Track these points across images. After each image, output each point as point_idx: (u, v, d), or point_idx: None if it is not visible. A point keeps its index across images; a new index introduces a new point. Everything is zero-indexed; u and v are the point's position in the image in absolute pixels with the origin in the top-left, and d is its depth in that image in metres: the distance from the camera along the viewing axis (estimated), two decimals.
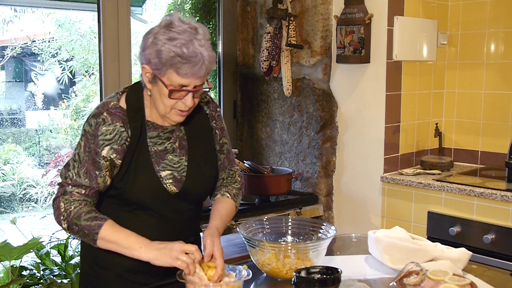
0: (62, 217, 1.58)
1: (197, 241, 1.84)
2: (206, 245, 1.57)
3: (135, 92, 1.67)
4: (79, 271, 2.52)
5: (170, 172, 1.67)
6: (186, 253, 1.49)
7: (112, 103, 1.63)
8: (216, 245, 1.58)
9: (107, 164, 1.60)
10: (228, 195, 1.82)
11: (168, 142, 1.69)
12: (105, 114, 1.60)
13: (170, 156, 1.68)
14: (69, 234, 1.60)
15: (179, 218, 1.73)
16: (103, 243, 1.56)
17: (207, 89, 1.64)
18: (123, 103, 1.64)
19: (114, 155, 1.60)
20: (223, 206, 1.78)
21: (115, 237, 1.55)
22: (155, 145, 1.67)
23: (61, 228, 1.62)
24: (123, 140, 1.61)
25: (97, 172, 1.59)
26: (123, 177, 1.63)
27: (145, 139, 1.65)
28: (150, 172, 1.64)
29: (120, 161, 1.61)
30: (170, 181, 1.66)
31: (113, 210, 1.66)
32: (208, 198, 1.88)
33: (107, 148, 1.59)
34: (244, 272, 1.51)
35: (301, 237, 1.80)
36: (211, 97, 1.84)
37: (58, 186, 1.63)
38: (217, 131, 1.82)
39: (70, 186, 1.59)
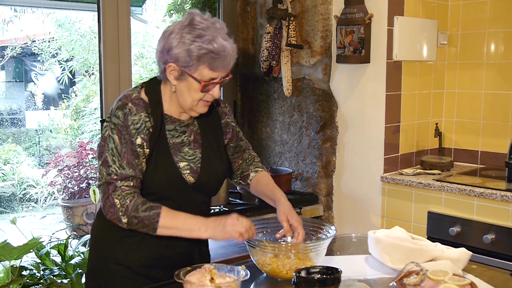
0: (120, 213, 1.59)
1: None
2: (285, 224, 1.73)
3: (153, 87, 1.73)
4: (79, 271, 2.53)
5: (187, 163, 1.73)
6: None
7: (134, 95, 1.68)
8: (292, 217, 1.73)
9: (142, 152, 1.65)
10: (260, 169, 1.94)
11: (184, 135, 1.76)
12: (130, 104, 1.65)
13: (186, 149, 1.75)
14: (128, 227, 1.63)
15: (194, 209, 1.76)
16: (162, 231, 1.60)
17: (229, 78, 1.71)
18: (144, 96, 1.70)
19: (144, 143, 1.65)
20: (268, 179, 1.91)
21: (175, 223, 1.60)
22: (173, 138, 1.73)
23: (119, 224, 1.62)
24: (147, 130, 1.66)
25: (137, 161, 1.64)
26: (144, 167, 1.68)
27: (164, 131, 1.71)
28: (170, 162, 1.70)
29: (148, 150, 1.66)
30: (188, 171, 1.72)
31: None
32: (218, 195, 1.94)
33: (139, 137, 1.64)
34: (242, 272, 1.51)
35: None
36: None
37: (103, 185, 1.63)
38: (232, 124, 1.92)
39: (118, 181, 1.61)
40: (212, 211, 2.63)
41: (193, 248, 1.80)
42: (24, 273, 2.57)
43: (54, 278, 2.54)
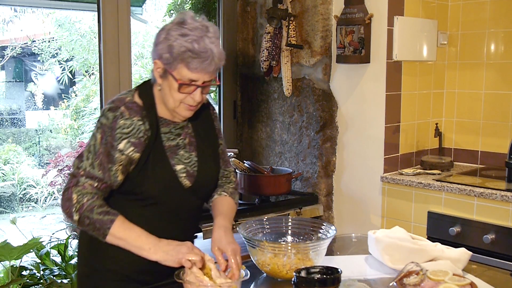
0: (74, 209, 1.56)
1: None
2: (217, 254, 1.60)
3: (146, 90, 1.70)
4: None
5: (183, 166, 1.70)
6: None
7: (127, 98, 1.65)
8: (225, 247, 1.60)
9: (122, 158, 1.60)
10: (226, 194, 1.84)
11: (179, 138, 1.73)
12: (122, 108, 1.62)
13: (182, 152, 1.72)
14: (77, 227, 1.61)
15: (188, 214, 1.76)
16: (112, 239, 1.56)
17: (216, 85, 1.67)
18: (137, 99, 1.66)
19: (132, 148, 1.61)
20: (222, 204, 1.80)
21: (126, 235, 1.56)
22: (168, 140, 1.70)
23: (71, 220, 1.60)
24: (141, 133, 1.62)
25: (109, 165, 1.59)
26: (140, 171, 1.63)
27: (159, 134, 1.68)
28: (167, 166, 1.67)
29: (138, 154, 1.62)
30: (184, 175, 1.69)
31: (123, 206, 1.65)
32: None
33: (124, 141, 1.60)
34: (242, 272, 1.51)
35: (301, 237, 1.80)
36: (208, 100, 1.87)
37: (69, 177, 1.62)
38: (216, 133, 1.85)
39: (83, 177, 1.58)
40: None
41: None
42: (24, 273, 2.58)
43: (54, 278, 2.54)
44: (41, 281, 2.54)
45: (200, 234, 2.55)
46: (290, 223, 1.84)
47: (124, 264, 1.67)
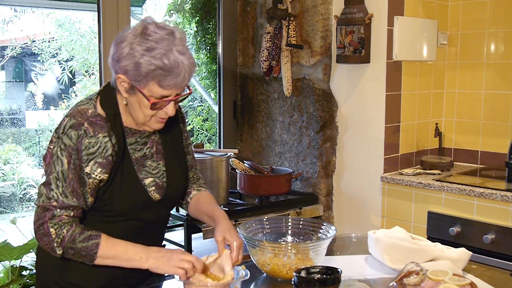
0: (55, 244, 1.48)
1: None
2: (220, 246, 1.59)
3: (109, 97, 1.58)
4: None
5: (152, 179, 1.63)
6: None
7: (90, 111, 1.52)
8: (232, 237, 1.60)
9: (90, 182, 1.52)
10: (204, 189, 1.85)
11: (146, 148, 1.64)
12: (86, 125, 1.49)
13: (149, 162, 1.64)
14: (62, 256, 1.53)
15: (157, 224, 1.71)
16: (101, 261, 1.50)
17: (188, 94, 1.56)
18: (100, 110, 1.54)
19: (99, 169, 1.51)
20: (210, 197, 1.81)
21: (114, 253, 1.50)
22: (135, 152, 1.61)
23: (54, 254, 1.52)
24: (108, 151, 1.52)
25: (82, 189, 1.51)
26: (108, 188, 1.56)
27: (126, 147, 1.58)
28: (136, 181, 1.59)
29: (106, 175, 1.53)
30: (153, 188, 1.63)
31: (90, 222, 1.58)
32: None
33: (91, 163, 1.50)
34: (242, 272, 1.51)
35: (301, 237, 1.80)
36: None
37: (39, 209, 1.50)
38: (184, 134, 1.79)
39: (58, 210, 1.49)
40: None
41: None
42: (24, 273, 2.58)
43: None
44: None
45: (199, 234, 2.56)
46: (290, 223, 1.84)
47: (90, 281, 1.61)
